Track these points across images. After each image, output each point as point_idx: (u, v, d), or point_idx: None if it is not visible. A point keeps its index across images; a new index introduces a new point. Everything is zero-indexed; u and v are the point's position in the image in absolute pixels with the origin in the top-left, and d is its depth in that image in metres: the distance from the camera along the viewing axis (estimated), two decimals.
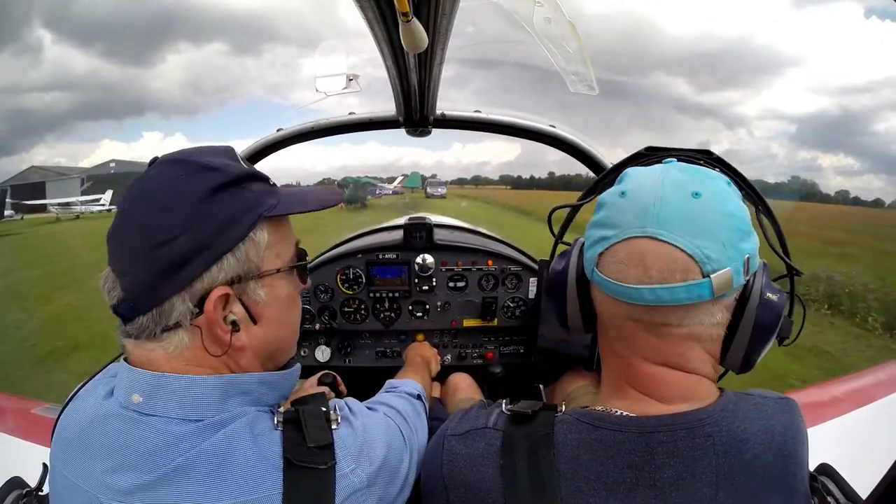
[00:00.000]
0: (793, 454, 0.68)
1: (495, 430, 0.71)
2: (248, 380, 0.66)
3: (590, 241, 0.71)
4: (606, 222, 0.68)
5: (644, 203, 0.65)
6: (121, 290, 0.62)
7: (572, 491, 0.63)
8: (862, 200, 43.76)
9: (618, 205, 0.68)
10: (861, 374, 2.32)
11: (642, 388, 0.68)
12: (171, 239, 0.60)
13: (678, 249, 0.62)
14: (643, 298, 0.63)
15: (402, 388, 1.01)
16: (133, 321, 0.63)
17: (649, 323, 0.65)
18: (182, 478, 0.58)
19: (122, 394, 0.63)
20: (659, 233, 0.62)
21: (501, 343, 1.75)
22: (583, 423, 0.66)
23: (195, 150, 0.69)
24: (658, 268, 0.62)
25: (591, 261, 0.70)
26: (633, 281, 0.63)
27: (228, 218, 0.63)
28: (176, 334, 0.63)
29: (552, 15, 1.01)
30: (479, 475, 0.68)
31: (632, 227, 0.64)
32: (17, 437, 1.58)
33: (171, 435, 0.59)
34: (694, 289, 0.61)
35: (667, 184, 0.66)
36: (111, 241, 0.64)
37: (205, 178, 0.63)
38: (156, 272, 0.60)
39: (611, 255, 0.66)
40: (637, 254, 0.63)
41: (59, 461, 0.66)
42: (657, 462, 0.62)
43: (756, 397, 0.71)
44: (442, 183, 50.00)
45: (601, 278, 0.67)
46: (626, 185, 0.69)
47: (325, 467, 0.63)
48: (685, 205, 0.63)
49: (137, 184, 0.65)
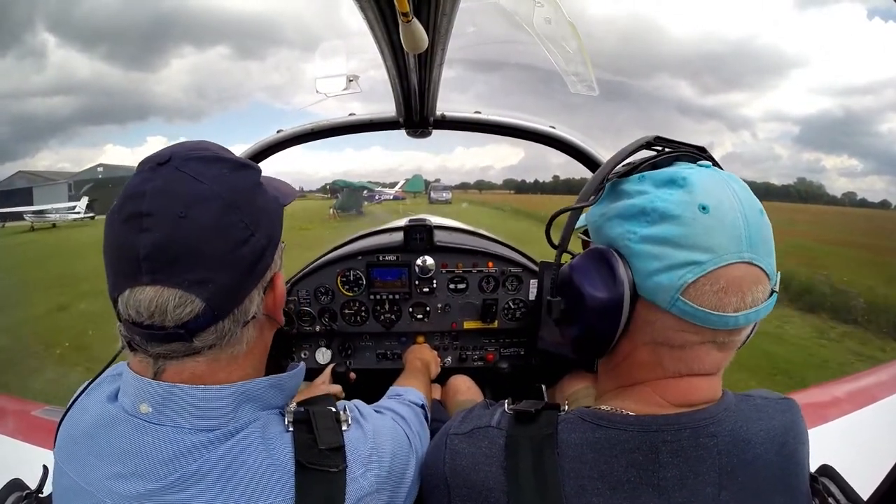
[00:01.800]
0: (793, 454, 0.68)
1: (499, 429, 0.71)
2: (259, 385, 0.66)
3: (661, 262, 0.61)
4: (689, 242, 0.60)
5: (733, 224, 0.60)
6: (201, 302, 0.57)
7: (576, 490, 0.62)
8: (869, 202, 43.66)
9: (701, 222, 0.60)
10: (862, 374, 2.32)
11: (668, 396, 0.66)
12: (249, 236, 0.60)
13: (763, 272, 0.61)
14: (737, 324, 0.61)
15: (406, 396, 1.01)
16: (207, 331, 0.59)
17: (724, 343, 0.64)
18: (192, 485, 0.58)
19: (129, 401, 0.62)
20: (753, 258, 0.60)
21: (502, 345, 1.74)
22: (587, 423, 0.66)
23: (201, 145, 0.66)
24: (752, 292, 0.61)
25: (671, 288, 0.61)
26: (731, 310, 0.60)
27: (274, 210, 0.67)
28: (249, 329, 0.64)
29: (553, 15, 1.01)
30: (482, 475, 0.68)
31: (729, 252, 0.60)
32: (18, 439, 1.58)
33: (184, 444, 0.59)
34: (770, 306, 0.63)
35: (741, 200, 0.62)
36: (164, 252, 0.56)
37: (247, 174, 0.65)
38: (240, 271, 0.60)
39: (707, 284, 0.60)
40: (735, 280, 0.60)
41: (63, 459, 0.66)
42: (661, 461, 0.62)
43: (757, 398, 0.71)
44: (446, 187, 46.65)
45: (693, 308, 0.60)
46: (702, 197, 0.61)
47: (337, 471, 0.63)
48: (761, 225, 0.62)
49: (174, 185, 0.58)
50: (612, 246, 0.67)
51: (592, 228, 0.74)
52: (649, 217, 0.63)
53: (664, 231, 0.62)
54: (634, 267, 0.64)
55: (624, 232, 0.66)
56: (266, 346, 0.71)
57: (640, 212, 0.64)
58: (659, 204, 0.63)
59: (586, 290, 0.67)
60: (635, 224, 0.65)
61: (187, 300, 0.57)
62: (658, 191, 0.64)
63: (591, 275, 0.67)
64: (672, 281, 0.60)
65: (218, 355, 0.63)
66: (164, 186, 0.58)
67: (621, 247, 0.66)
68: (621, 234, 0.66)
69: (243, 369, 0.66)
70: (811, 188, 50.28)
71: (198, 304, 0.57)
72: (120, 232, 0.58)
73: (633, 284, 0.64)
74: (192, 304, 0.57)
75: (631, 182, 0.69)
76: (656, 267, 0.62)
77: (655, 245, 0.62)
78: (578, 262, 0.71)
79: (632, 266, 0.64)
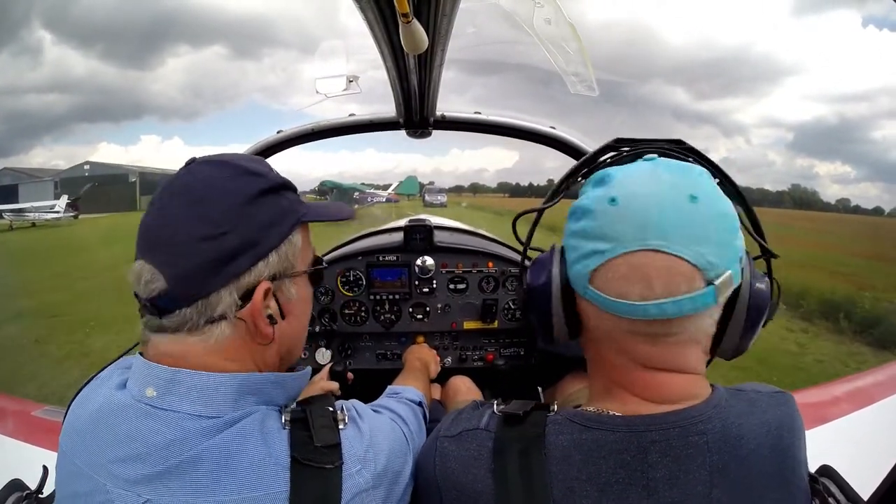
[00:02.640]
0: (789, 448, 0.67)
1: (487, 431, 0.71)
2: (263, 379, 0.67)
3: (576, 253, 0.66)
4: (596, 233, 0.64)
5: (641, 212, 0.61)
6: (164, 282, 0.63)
7: (564, 492, 0.62)
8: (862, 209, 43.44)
9: (608, 213, 0.63)
10: (862, 374, 2.32)
11: (639, 392, 0.66)
12: (218, 234, 0.63)
13: (681, 260, 0.59)
14: (647, 314, 0.60)
15: (404, 394, 1.02)
16: (172, 314, 0.64)
17: (650, 334, 0.63)
18: (190, 470, 0.59)
19: (136, 387, 0.64)
20: (661, 245, 0.59)
21: (502, 345, 1.74)
22: (574, 424, 0.66)
23: (234, 155, 0.73)
24: (662, 281, 0.59)
25: (582, 276, 0.65)
26: (636, 297, 0.60)
27: (271, 219, 0.68)
28: (218, 326, 0.65)
29: (553, 16, 1.01)
30: (470, 477, 0.68)
31: (631, 241, 0.60)
32: (18, 439, 1.58)
33: (184, 430, 0.60)
34: (699, 299, 0.60)
35: (662, 188, 0.62)
36: (148, 234, 0.65)
37: (250, 182, 0.67)
38: (203, 264, 0.63)
39: (608, 271, 0.62)
40: (639, 268, 0.60)
41: (68, 447, 0.66)
42: (650, 461, 0.61)
43: (750, 392, 0.70)
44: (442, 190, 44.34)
45: (598, 295, 0.63)
46: (615, 190, 0.64)
47: (332, 467, 0.63)
48: (684, 211, 0.60)
49: (179, 180, 0.67)
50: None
51: None
52: (577, 214, 0.69)
53: (582, 226, 0.67)
54: (566, 260, 0.70)
55: (565, 229, 0.72)
56: (264, 357, 0.71)
57: (573, 210, 0.70)
58: (584, 202, 0.68)
59: (529, 279, 0.76)
60: (570, 222, 0.70)
61: (155, 276, 0.63)
62: (591, 190, 0.69)
63: (535, 267, 0.76)
64: (581, 270, 0.66)
65: (186, 340, 0.65)
66: (171, 182, 0.68)
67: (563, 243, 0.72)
68: (564, 232, 0.72)
69: (231, 363, 0.66)
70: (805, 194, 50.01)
71: (161, 283, 0.63)
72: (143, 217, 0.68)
73: (563, 276, 0.70)
74: (157, 282, 0.63)
75: (583, 185, 0.74)
76: (572, 258, 0.68)
77: (575, 238, 0.68)
78: (538, 257, 0.78)
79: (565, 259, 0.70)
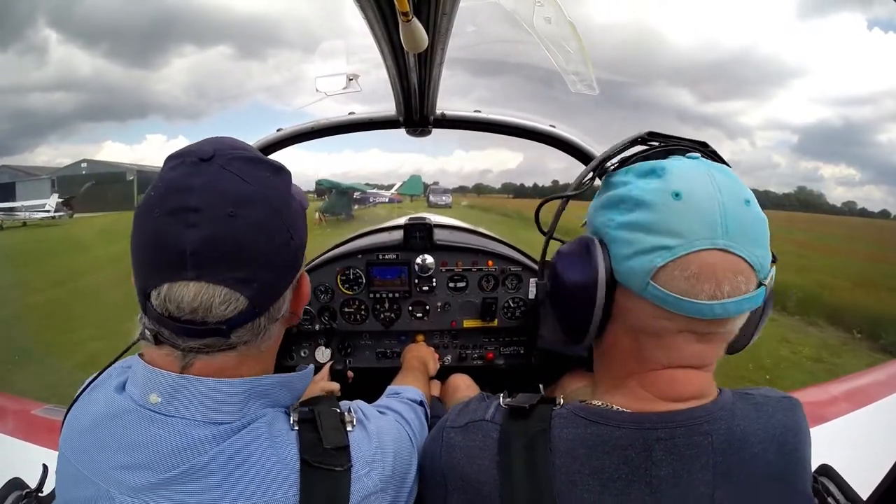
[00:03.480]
0: (794, 452, 0.68)
1: (493, 423, 0.71)
2: (269, 382, 0.67)
3: (632, 247, 0.63)
4: (660, 227, 0.61)
5: (708, 211, 0.60)
6: (245, 300, 0.59)
7: (567, 486, 0.62)
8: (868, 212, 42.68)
9: (673, 208, 0.61)
10: (861, 374, 2.32)
11: (655, 390, 0.66)
12: (289, 239, 0.63)
13: (743, 261, 0.60)
14: (714, 314, 0.60)
15: (405, 394, 1.02)
16: (243, 328, 0.61)
17: (705, 333, 0.63)
18: (198, 477, 0.58)
19: (138, 392, 0.62)
20: (729, 245, 0.60)
21: (501, 344, 1.74)
22: (580, 418, 0.66)
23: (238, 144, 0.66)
24: (729, 281, 0.60)
25: (642, 272, 0.62)
26: (705, 297, 0.60)
27: (301, 212, 0.69)
28: (277, 325, 0.67)
29: (553, 15, 1.01)
30: (475, 468, 0.68)
31: (701, 238, 0.60)
32: (18, 438, 1.58)
33: (192, 437, 0.59)
34: (755, 299, 0.62)
35: (721, 189, 0.62)
36: (214, 249, 0.56)
37: (285, 178, 0.66)
38: (280, 272, 0.63)
39: (676, 269, 0.60)
40: (709, 267, 0.60)
41: (69, 450, 0.65)
42: (654, 459, 0.61)
43: (757, 397, 0.70)
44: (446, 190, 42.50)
45: (662, 293, 0.61)
46: (676, 185, 0.62)
47: (342, 470, 0.63)
48: (742, 213, 0.62)
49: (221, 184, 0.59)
50: (597, 234, 0.70)
51: (588, 221, 0.76)
52: (626, 205, 0.65)
53: (638, 217, 0.63)
54: (612, 253, 0.66)
55: (605, 220, 0.68)
56: (279, 343, 0.73)
57: (619, 200, 0.67)
58: (635, 192, 0.65)
59: (565, 274, 0.70)
60: (615, 212, 0.67)
61: (232, 298, 0.58)
62: (638, 181, 0.66)
63: (572, 260, 0.70)
64: (643, 265, 0.62)
65: (248, 350, 0.64)
66: (212, 183, 0.58)
67: (602, 234, 0.68)
68: (603, 223, 0.69)
69: (263, 364, 0.69)
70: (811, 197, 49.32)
71: (242, 302, 0.59)
72: (162, 225, 0.57)
73: (609, 270, 0.66)
74: (236, 302, 0.58)
75: (618, 174, 0.71)
76: (629, 252, 0.64)
77: (630, 231, 0.64)
78: (563, 248, 0.74)
79: (610, 252, 0.66)
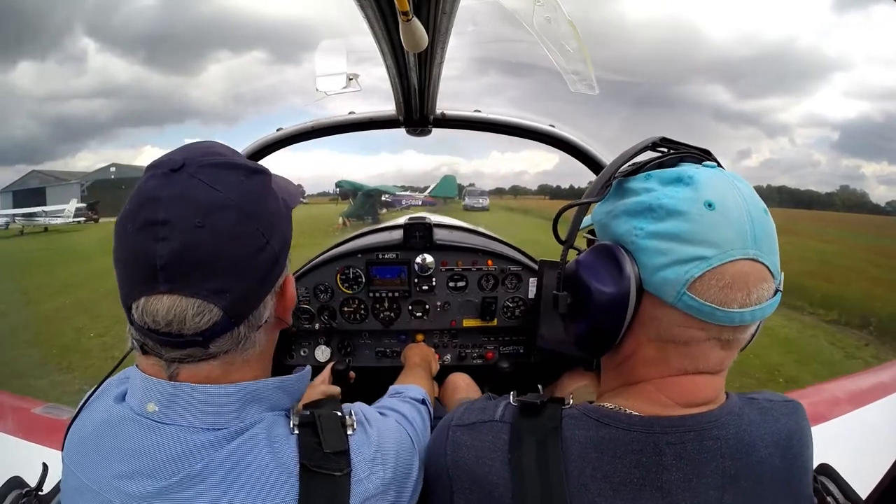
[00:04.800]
0: (798, 457, 0.68)
1: (502, 422, 0.71)
2: (265, 386, 0.66)
3: (667, 257, 0.62)
4: (695, 237, 0.61)
5: (739, 220, 0.61)
6: (219, 311, 0.58)
7: (578, 489, 0.62)
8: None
9: (707, 217, 0.61)
10: (861, 373, 2.32)
11: (669, 395, 0.66)
12: (265, 244, 0.61)
13: (767, 269, 0.62)
14: (743, 321, 0.61)
15: (407, 393, 1.01)
16: (222, 338, 0.60)
17: (729, 340, 0.64)
18: (197, 484, 0.58)
19: (136, 401, 0.63)
20: (758, 254, 0.61)
21: (501, 343, 1.74)
22: (591, 420, 0.66)
23: (214, 149, 0.65)
24: (757, 289, 0.61)
25: (677, 283, 0.61)
26: (737, 306, 0.60)
27: (284, 214, 0.67)
28: (261, 332, 0.65)
29: (552, 14, 1.01)
30: (486, 469, 0.68)
31: (735, 248, 0.60)
32: (18, 436, 1.58)
33: (190, 443, 0.59)
34: (774, 304, 0.63)
35: (745, 198, 0.63)
36: (183, 261, 0.56)
37: (261, 180, 0.64)
38: (257, 279, 0.61)
39: (713, 279, 0.60)
40: (741, 277, 0.60)
41: (72, 461, 0.66)
42: (665, 463, 0.61)
43: (762, 401, 0.70)
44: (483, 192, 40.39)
45: (697, 302, 0.60)
46: (708, 194, 0.62)
47: (342, 474, 0.63)
48: (764, 222, 0.63)
49: (191, 193, 0.58)
50: (619, 242, 0.68)
51: (598, 226, 0.75)
52: (656, 213, 0.64)
53: (670, 227, 0.62)
54: (640, 262, 0.65)
55: (631, 228, 0.66)
56: (273, 347, 0.72)
57: (646, 208, 0.65)
58: (666, 201, 0.63)
59: (593, 284, 0.67)
60: (642, 220, 0.65)
61: (206, 309, 0.57)
62: (665, 188, 0.65)
63: (598, 270, 0.67)
64: (678, 275, 0.61)
65: (233, 359, 0.63)
66: (181, 194, 0.57)
67: (628, 243, 0.66)
68: (628, 231, 0.67)
69: (254, 370, 0.67)
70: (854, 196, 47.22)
71: (216, 313, 0.58)
72: (135, 240, 0.57)
73: (639, 280, 0.64)
74: (210, 314, 0.57)
75: (637, 180, 0.69)
76: (663, 262, 0.62)
77: (662, 241, 0.63)
78: (585, 257, 0.71)
79: (638, 262, 0.65)
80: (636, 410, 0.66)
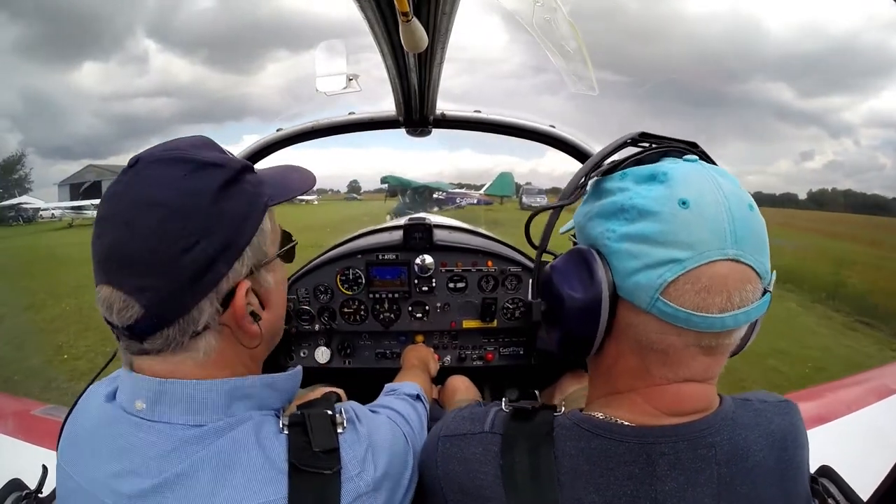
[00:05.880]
0: (793, 458, 0.67)
1: (493, 433, 0.69)
2: (252, 383, 0.66)
3: (639, 261, 0.59)
4: (668, 239, 0.57)
5: (716, 219, 0.57)
6: (140, 308, 0.58)
7: (571, 501, 0.61)
8: None
9: (680, 217, 0.57)
10: (862, 375, 2.32)
11: (658, 404, 0.63)
12: (194, 244, 0.58)
13: (751, 269, 0.58)
14: (724, 326, 0.58)
15: (402, 390, 1.01)
16: (154, 336, 0.60)
17: (712, 346, 0.60)
18: (187, 482, 0.58)
19: (125, 399, 0.63)
20: (738, 254, 0.57)
21: (501, 344, 1.74)
22: (583, 430, 0.64)
23: (180, 144, 0.65)
24: (739, 292, 0.57)
25: (650, 287, 0.58)
26: (716, 310, 0.57)
27: (241, 213, 0.63)
28: (203, 339, 0.63)
29: (552, 14, 1.01)
30: (478, 482, 0.67)
31: (711, 249, 0.56)
32: (18, 438, 1.58)
33: (177, 440, 0.59)
34: (762, 307, 0.60)
35: (726, 194, 0.59)
36: (111, 257, 0.59)
37: (210, 176, 0.61)
38: (182, 281, 0.58)
39: (687, 283, 0.57)
40: (720, 279, 0.56)
41: (66, 462, 0.66)
42: (658, 474, 0.60)
43: (755, 402, 0.69)
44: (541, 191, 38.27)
45: (672, 308, 0.57)
46: (682, 191, 0.58)
47: (331, 473, 0.62)
48: (749, 220, 0.59)
49: (133, 188, 0.60)
50: (593, 246, 0.66)
51: (578, 229, 0.73)
52: (628, 214, 0.61)
53: (642, 228, 0.59)
54: (614, 267, 0.62)
55: (604, 231, 0.64)
56: (252, 354, 0.70)
57: (619, 209, 0.62)
58: (638, 200, 0.60)
59: (564, 290, 0.65)
60: (614, 222, 0.62)
61: (129, 304, 0.58)
62: (638, 187, 0.62)
63: (570, 275, 0.66)
64: (651, 280, 0.58)
65: (171, 358, 0.62)
66: (121, 191, 0.60)
67: (601, 246, 0.64)
68: (601, 234, 0.64)
69: (223, 371, 0.65)
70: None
71: (137, 310, 0.58)
72: (94, 233, 0.61)
73: (612, 285, 0.62)
74: (132, 309, 0.58)
75: (613, 180, 0.67)
76: (635, 266, 0.59)
77: (634, 243, 0.60)
78: (558, 262, 0.70)
79: (611, 266, 0.62)
80: (628, 421, 0.63)
